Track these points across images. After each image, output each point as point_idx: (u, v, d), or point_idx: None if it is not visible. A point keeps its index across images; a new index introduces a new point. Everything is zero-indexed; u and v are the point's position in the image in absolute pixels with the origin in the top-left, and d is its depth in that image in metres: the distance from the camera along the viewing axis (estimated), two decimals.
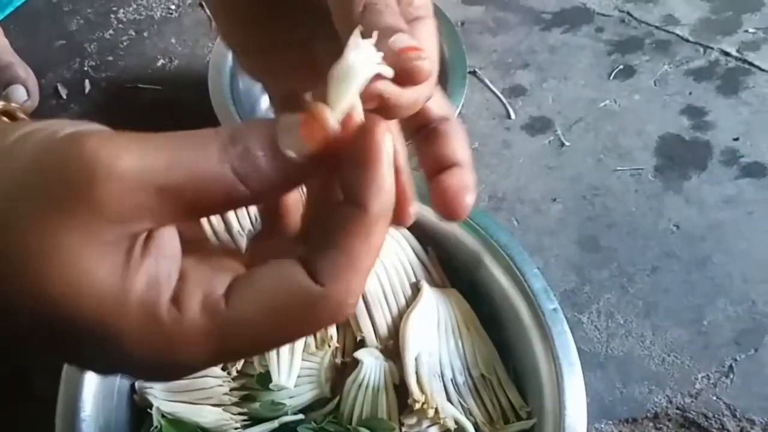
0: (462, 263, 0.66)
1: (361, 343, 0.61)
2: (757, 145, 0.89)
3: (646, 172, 0.87)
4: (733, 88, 0.96)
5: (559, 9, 1.06)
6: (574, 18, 1.05)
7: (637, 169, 0.87)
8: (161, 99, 0.94)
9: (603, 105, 0.94)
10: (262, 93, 0.89)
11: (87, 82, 0.96)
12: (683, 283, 0.78)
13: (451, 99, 0.78)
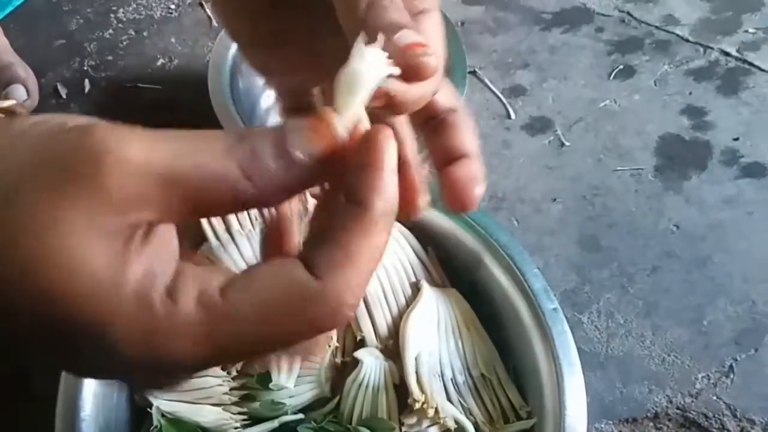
0: (462, 263, 0.66)
1: (361, 343, 0.61)
2: (757, 145, 0.89)
3: (646, 172, 0.87)
4: (733, 88, 0.96)
5: (559, 9, 1.06)
6: (574, 18, 1.05)
7: (637, 169, 0.87)
8: (161, 98, 0.94)
9: (603, 105, 0.94)
10: (262, 92, 0.89)
11: (87, 81, 0.96)
12: (683, 283, 0.78)
13: None
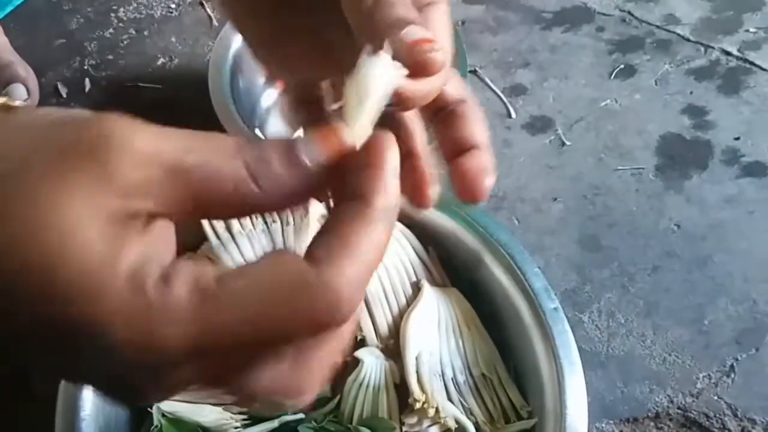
0: (462, 262, 0.66)
1: (361, 342, 0.61)
2: (758, 145, 0.89)
3: (647, 172, 0.87)
4: (734, 88, 0.96)
5: (559, 8, 1.06)
6: (574, 17, 1.05)
7: (637, 169, 0.87)
8: (161, 98, 0.94)
9: (604, 104, 0.94)
10: (263, 92, 0.89)
11: (87, 80, 0.96)
12: (684, 283, 0.78)
13: None
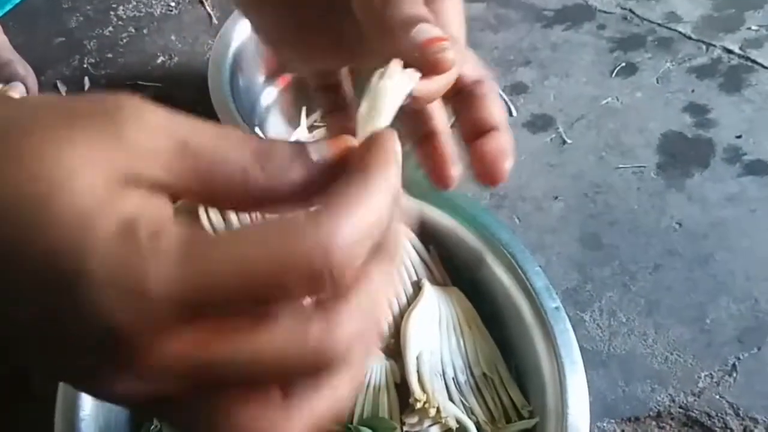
0: (463, 261, 0.65)
1: None
2: (760, 143, 0.89)
3: (648, 170, 0.87)
4: (735, 86, 0.95)
5: (560, 6, 1.06)
6: (575, 15, 1.05)
7: (639, 167, 0.87)
8: (161, 96, 0.93)
9: (605, 102, 0.94)
10: (262, 90, 0.89)
11: (86, 79, 0.96)
12: (686, 281, 0.77)
13: None
